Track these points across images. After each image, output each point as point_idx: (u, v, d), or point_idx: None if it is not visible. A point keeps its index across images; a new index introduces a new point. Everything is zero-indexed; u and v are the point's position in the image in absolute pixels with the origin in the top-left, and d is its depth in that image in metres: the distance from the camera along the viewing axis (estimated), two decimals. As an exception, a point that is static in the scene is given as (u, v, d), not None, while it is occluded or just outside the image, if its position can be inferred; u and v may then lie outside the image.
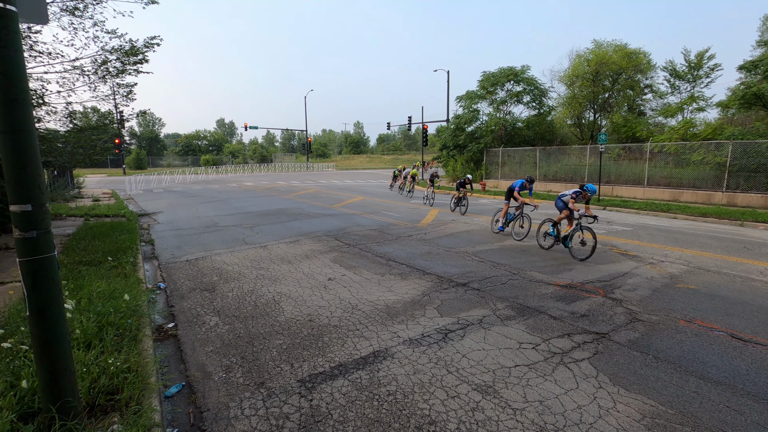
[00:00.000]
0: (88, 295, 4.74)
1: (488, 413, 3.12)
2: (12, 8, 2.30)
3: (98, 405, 2.92)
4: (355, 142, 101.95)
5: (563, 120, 28.43)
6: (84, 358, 3.29)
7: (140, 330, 4.19)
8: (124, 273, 6.08)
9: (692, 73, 25.33)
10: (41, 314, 2.46)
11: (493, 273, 6.84)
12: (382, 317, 4.96)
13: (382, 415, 3.10)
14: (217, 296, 5.76)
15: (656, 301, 5.59)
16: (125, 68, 10.01)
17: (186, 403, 3.30)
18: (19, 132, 2.33)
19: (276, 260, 7.71)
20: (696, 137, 18.41)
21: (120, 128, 14.09)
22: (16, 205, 2.36)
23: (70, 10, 8.85)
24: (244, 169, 54.86)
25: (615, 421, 3.02)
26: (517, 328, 4.67)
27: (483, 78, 27.73)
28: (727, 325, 4.76)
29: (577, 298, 5.68)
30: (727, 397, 3.35)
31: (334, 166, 64.51)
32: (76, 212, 13.18)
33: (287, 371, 3.73)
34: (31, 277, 2.41)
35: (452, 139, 28.44)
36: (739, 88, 20.17)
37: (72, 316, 3.90)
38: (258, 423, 3.01)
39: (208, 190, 24.25)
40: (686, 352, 4.12)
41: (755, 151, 14.95)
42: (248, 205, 16.66)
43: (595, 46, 25.71)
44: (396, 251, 8.40)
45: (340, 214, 13.96)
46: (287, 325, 4.75)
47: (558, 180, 21.99)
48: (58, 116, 10.45)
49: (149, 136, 79.30)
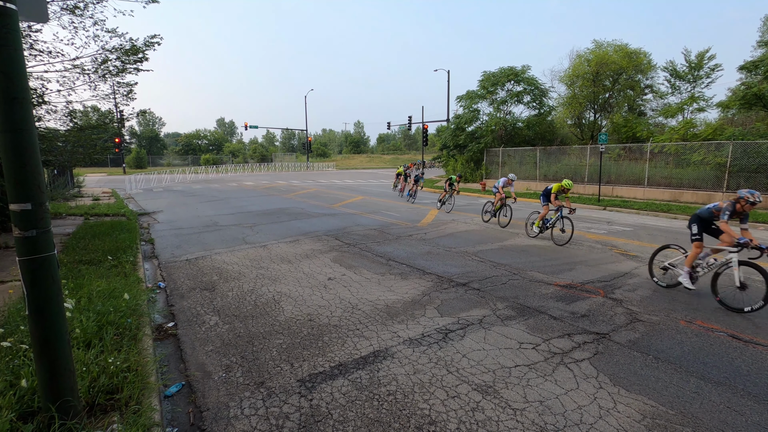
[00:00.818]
0: (87, 294, 4.74)
1: (488, 413, 3.11)
2: (12, 6, 2.30)
3: (98, 404, 2.92)
4: (355, 141, 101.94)
5: (563, 120, 28.38)
6: (84, 358, 3.28)
7: (140, 329, 4.19)
8: (123, 272, 6.08)
9: (693, 74, 25.28)
10: (41, 313, 2.46)
11: (494, 273, 6.84)
12: (382, 317, 4.95)
13: (382, 414, 3.09)
14: (217, 295, 5.76)
15: (657, 301, 5.58)
16: (125, 67, 10.01)
17: (186, 403, 3.29)
18: (19, 131, 2.33)
19: (276, 260, 7.71)
20: (696, 138, 18.40)
21: (120, 127, 14.10)
22: (15, 203, 2.35)
23: (71, 8, 8.84)
24: (244, 169, 54.83)
25: (615, 422, 3.02)
26: (517, 328, 4.66)
27: (483, 78, 27.70)
28: (727, 326, 4.75)
29: (577, 298, 5.67)
30: (727, 397, 3.34)
31: (335, 165, 64.47)
32: (76, 211, 13.17)
33: (287, 371, 3.72)
34: (30, 276, 2.41)
35: (452, 139, 28.42)
36: (739, 89, 20.16)
37: (72, 315, 3.90)
38: (258, 422, 3.00)
39: (208, 190, 24.25)
40: (687, 352, 4.11)
41: (755, 152, 14.94)
42: (248, 204, 16.66)
43: (596, 46, 25.67)
44: (396, 251, 8.40)
45: (340, 213, 13.95)
46: (287, 324, 4.75)
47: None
48: (58, 115, 10.46)
49: (149, 136, 79.26)
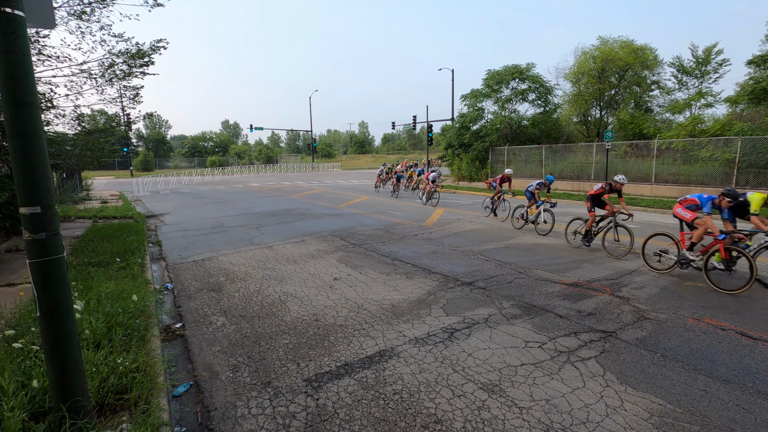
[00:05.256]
0: (96, 295, 4.79)
1: (494, 412, 3.11)
2: (20, 13, 2.33)
3: (107, 404, 2.96)
4: (360, 141, 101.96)
5: (569, 117, 28.17)
6: (93, 358, 3.33)
7: (148, 330, 4.23)
8: (132, 274, 6.14)
9: (700, 69, 24.90)
10: (51, 315, 2.50)
11: (499, 272, 6.82)
12: (387, 316, 4.96)
13: (388, 414, 3.10)
14: (223, 296, 5.80)
15: (664, 299, 5.54)
16: (132, 71, 10.09)
17: (194, 403, 3.33)
18: (28, 135, 2.36)
19: (282, 260, 7.74)
20: (704, 133, 18.19)
21: (127, 130, 14.21)
22: (25, 207, 2.39)
23: (78, 14, 8.93)
24: (250, 170, 55.10)
25: (622, 420, 3.00)
26: (523, 326, 4.65)
27: (488, 76, 27.58)
28: (736, 323, 4.70)
29: (583, 296, 5.64)
30: (736, 395, 3.31)
31: (340, 166, 64.59)
32: (85, 214, 13.33)
33: (294, 370, 3.74)
34: (40, 278, 2.45)
35: (457, 138, 28.34)
36: (747, 83, 19.88)
37: (81, 317, 3.95)
38: (265, 422, 3.03)
39: (215, 191, 24.40)
40: (694, 350, 4.08)
41: (765, 147, 14.74)
42: (254, 205, 16.75)
43: (601, 42, 25.43)
44: (401, 250, 8.40)
45: (346, 213, 13.98)
46: (293, 324, 4.77)
47: (564, 178, 21.84)
48: (67, 119, 10.57)
49: (156, 138, 79.90)
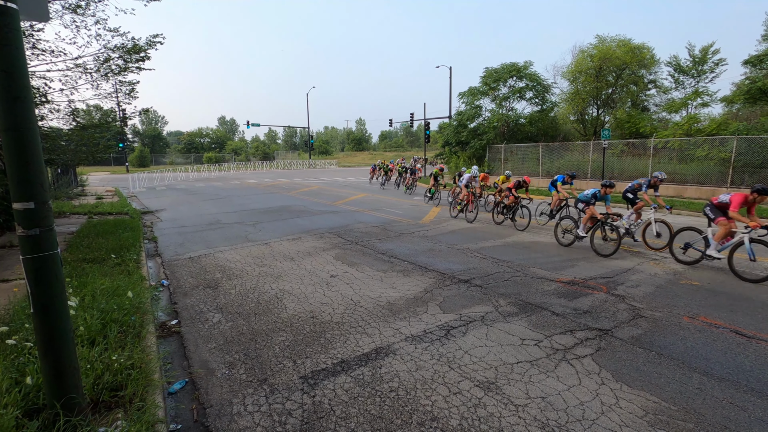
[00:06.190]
0: (91, 292, 4.77)
1: (490, 409, 3.12)
2: (13, 6, 2.30)
3: (102, 401, 2.94)
4: (357, 139, 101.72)
5: (566, 116, 28.24)
6: (88, 355, 3.31)
7: (144, 327, 4.21)
8: (127, 270, 6.11)
9: (697, 68, 24.99)
10: (45, 311, 2.48)
11: (496, 270, 6.84)
12: (384, 314, 4.96)
13: (385, 411, 3.11)
14: (219, 293, 5.78)
15: (659, 297, 5.57)
16: (128, 66, 9.99)
17: (189, 400, 3.32)
18: (22, 129, 2.34)
19: (278, 257, 7.73)
20: (700, 133, 18.28)
21: (123, 126, 14.14)
22: (19, 202, 2.37)
23: (72, 7, 8.83)
24: (247, 167, 54.89)
25: (618, 417, 3.02)
26: (519, 324, 4.66)
27: (485, 74, 27.58)
28: (730, 322, 4.73)
29: (579, 294, 5.66)
30: (730, 393, 3.33)
31: (337, 163, 64.40)
32: (80, 210, 13.23)
33: (290, 368, 3.74)
34: (34, 274, 2.43)
35: (454, 136, 28.34)
36: (744, 83, 19.99)
37: (76, 313, 3.93)
38: (261, 419, 3.02)
39: (211, 188, 24.30)
40: (689, 348, 4.10)
41: (760, 147, 14.83)
42: (250, 202, 16.69)
43: (599, 41, 25.47)
44: (398, 248, 8.40)
45: (343, 211, 13.96)
46: (290, 321, 4.76)
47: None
48: (61, 114, 10.46)
49: (152, 134, 79.36)
